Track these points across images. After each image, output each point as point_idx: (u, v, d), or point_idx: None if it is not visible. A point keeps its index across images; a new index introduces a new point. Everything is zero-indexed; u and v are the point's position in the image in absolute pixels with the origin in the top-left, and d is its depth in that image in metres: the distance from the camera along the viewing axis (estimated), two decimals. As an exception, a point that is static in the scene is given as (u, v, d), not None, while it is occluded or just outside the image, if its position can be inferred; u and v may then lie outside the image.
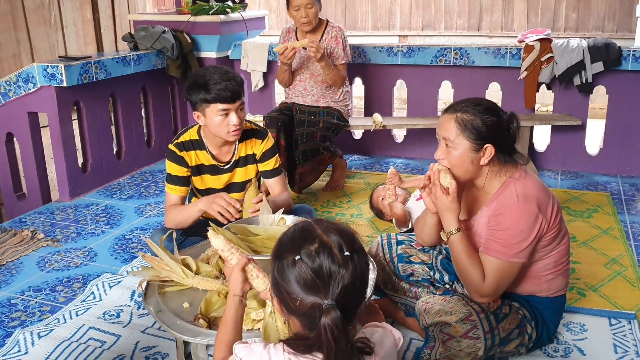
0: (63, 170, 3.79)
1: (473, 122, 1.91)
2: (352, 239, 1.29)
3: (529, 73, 4.09)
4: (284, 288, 1.25)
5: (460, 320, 1.93)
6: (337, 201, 3.72)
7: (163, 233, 2.45)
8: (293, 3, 3.62)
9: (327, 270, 1.21)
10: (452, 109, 1.99)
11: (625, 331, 2.29)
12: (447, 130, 1.95)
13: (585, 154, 4.27)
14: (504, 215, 1.91)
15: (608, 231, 3.21)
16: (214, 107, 2.38)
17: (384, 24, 11.02)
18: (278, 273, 1.27)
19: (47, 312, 2.51)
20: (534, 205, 1.90)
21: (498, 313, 1.97)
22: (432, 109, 4.48)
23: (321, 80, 3.75)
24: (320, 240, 1.25)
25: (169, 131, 4.75)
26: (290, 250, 1.26)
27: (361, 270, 1.26)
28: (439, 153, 2.01)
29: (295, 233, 1.31)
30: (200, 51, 4.66)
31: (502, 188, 1.96)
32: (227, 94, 2.36)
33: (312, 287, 1.21)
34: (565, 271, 2.08)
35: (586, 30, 10.10)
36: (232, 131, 2.43)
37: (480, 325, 1.93)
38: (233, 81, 2.38)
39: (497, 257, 1.92)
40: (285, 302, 1.26)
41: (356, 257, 1.25)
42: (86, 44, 6.82)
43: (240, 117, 2.44)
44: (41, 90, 3.64)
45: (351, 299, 1.24)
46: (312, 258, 1.23)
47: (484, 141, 1.91)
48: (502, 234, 1.91)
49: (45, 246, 3.14)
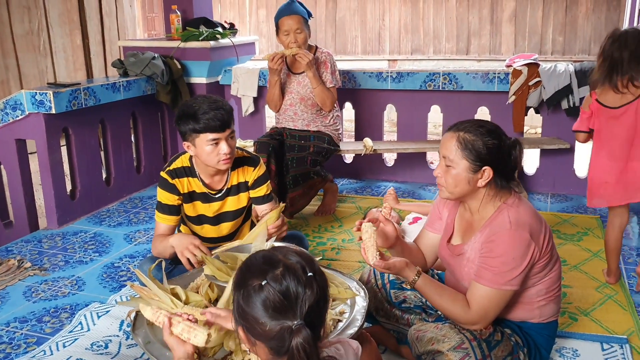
0: (51, 197, 3.76)
1: (474, 143, 1.92)
2: (311, 260, 1.35)
3: (517, 97, 4.13)
4: (251, 315, 1.28)
5: (452, 348, 1.91)
6: (328, 226, 3.70)
7: (152, 262, 2.43)
8: (282, 28, 3.65)
9: (294, 291, 1.26)
10: (455, 127, 2.00)
11: (618, 356, 2.28)
12: (448, 148, 1.96)
13: (575, 177, 4.29)
14: (496, 242, 1.90)
15: (598, 254, 3.22)
16: (204, 137, 2.37)
17: (374, 48, 11.13)
18: (243, 301, 1.30)
19: (33, 343, 2.46)
20: (527, 233, 1.89)
21: (490, 340, 1.95)
22: (421, 133, 4.51)
23: (311, 104, 3.77)
24: (284, 264, 1.30)
25: (159, 157, 4.74)
26: (255, 276, 1.30)
27: (323, 289, 1.32)
28: (437, 170, 2.01)
29: (256, 260, 1.35)
30: (191, 77, 4.67)
31: (496, 214, 1.96)
32: (216, 123, 2.35)
33: (281, 309, 1.25)
34: (556, 297, 2.07)
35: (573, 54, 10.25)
36: (223, 160, 2.42)
37: (472, 354, 1.90)
38: (222, 110, 2.38)
39: (488, 285, 1.91)
40: (252, 329, 1.29)
41: (318, 278, 1.32)
42: (76, 70, 6.83)
43: (231, 146, 2.42)
44: (29, 117, 3.63)
45: (317, 317, 1.29)
46: (279, 281, 1.27)
47: (483, 163, 1.92)
48: (494, 261, 1.90)
49: (32, 275, 3.10)
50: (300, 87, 3.76)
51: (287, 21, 3.62)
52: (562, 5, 10.36)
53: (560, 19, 10.40)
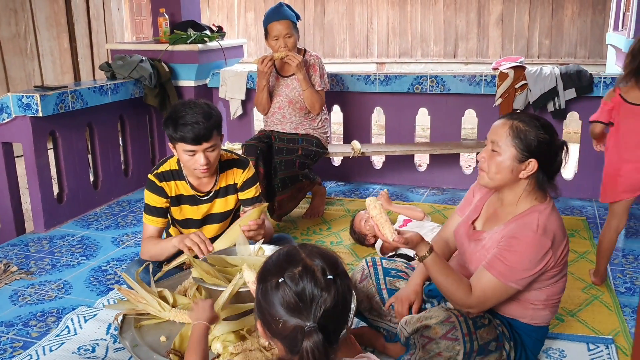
0: (38, 201, 3.73)
1: (527, 133, 1.92)
2: (335, 262, 1.32)
3: (503, 100, 4.16)
4: (267, 310, 1.27)
5: (439, 322, 1.94)
6: (316, 228, 3.71)
7: (139, 265, 2.42)
8: (272, 33, 3.65)
9: (310, 294, 1.24)
10: (509, 115, 2.00)
11: (604, 356, 2.30)
12: (498, 134, 1.96)
13: (561, 179, 4.33)
14: (518, 240, 1.91)
15: (584, 255, 3.25)
16: (180, 146, 2.37)
17: (362, 51, 11.16)
18: (262, 296, 1.29)
19: (19, 347, 2.44)
20: (549, 241, 1.90)
21: (477, 321, 1.98)
22: (409, 135, 4.53)
23: (299, 107, 3.77)
24: (303, 264, 1.28)
25: (147, 160, 4.72)
26: (274, 273, 1.28)
27: (343, 294, 1.28)
28: (482, 155, 2.01)
29: (279, 257, 1.33)
30: (179, 80, 4.66)
31: (527, 212, 1.96)
32: (191, 136, 2.31)
33: (295, 309, 1.23)
34: (554, 306, 2.08)
35: (559, 57, 10.35)
36: (200, 170, 2.41)
37: (459, 327, 1.93)
38: (202, 124, 2.30)
39: (497, 276, 1.91)
40: (268, 324, 1.28)
41: (339, 281, 1.28)
42: (63, 73, 6.79)
43: (209, 158, 2.38)
44: (16, 121, 3.60)
45: (333, 322, 1.26)
46: (295, 281, 1.25)
47: (530, 155, 1.92)
48: (511, 256, 1.90)
49: (18, 279, 3.08)
50: (288, 90, 3.76)
51: (277, 26, 3.62)
52: (549, 9, 10.45)
53: (547, 23, 10.49)
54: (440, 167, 4.55)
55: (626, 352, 2.33)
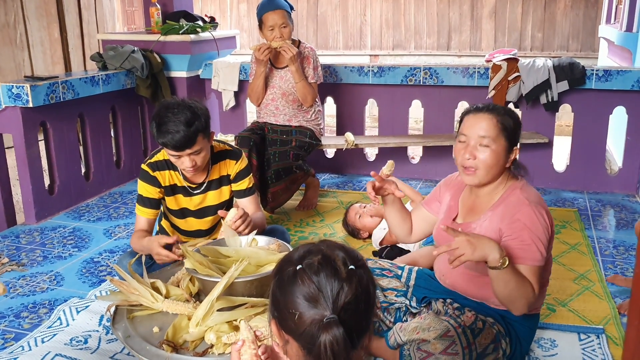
0: (29, 192, 3.70)
1: (509, 123, 1.96)
2: (356, 255, 1.23)
3: (496, 92, 4.17)
4: (283, 303, 1.17)
5: (439, 336, 1.93)
6: (310, 220, 3.71)
7: (132, 256, 2.41)
8: (267, 23, 3.62)
9: (330, 282, 1.14)
10: (485, 109, 2.00)
11: (594, 345, 2.32)
12: (487, 129, 1.95)
13: (553, 171, 4.35)
14: (519, 219, 1.93)
15: (576, 247, 3.27)
16: (165, 149, 2.37)
17: (355, 43, 11.14)
18: (278, 287, 1.20)
19: (10, 339, 2.43)
20: (542, 205, 1.96)
21: (473, 328, 1.98)
22: (402, 127, 4.53)
23: (293, 99, 3.76)
24: (323, 254, 1.20)
25: (139, 151, 4.70)
26: (292, 263, 1.20)
27: (366, 287, 1.18)
28: (467, 154, 1.96)
29: (298, 250, 1.25)
30: (171, 71, 4.63)
31: (508, 193, 2.00)
32: (172, 144, 2.28)
33: (313, 299, 1.14)
34: (542, 291, 2.09)
35: (552, 50, 10.37)
36: (187, 171, 2.41)
37: (458, 341, 1.93)
38: (182, 132, 2.24)
39: (530, 263, 1.91)
40: (284, 320, 1.18)
41: (361, 272, 1.19)
42: (54, 63, 6.73)
43: (195, 160, 2.36)
44: (6, 111, 3.57)
45: (354, 318, 1.15)
46: (314, 268, 1.16)
47: (514, 143, 1.98)
48: (524, 234, 1.90)
49: (9, 271, 3.06)
50: (282, 82, 3.75)
51: (272, 16, 3.59)
52: (541, 2, 10.46)
53: (539, 16, 10.50)
54: (433, 159, 4.56)
55: (616, 342, 2.35)
